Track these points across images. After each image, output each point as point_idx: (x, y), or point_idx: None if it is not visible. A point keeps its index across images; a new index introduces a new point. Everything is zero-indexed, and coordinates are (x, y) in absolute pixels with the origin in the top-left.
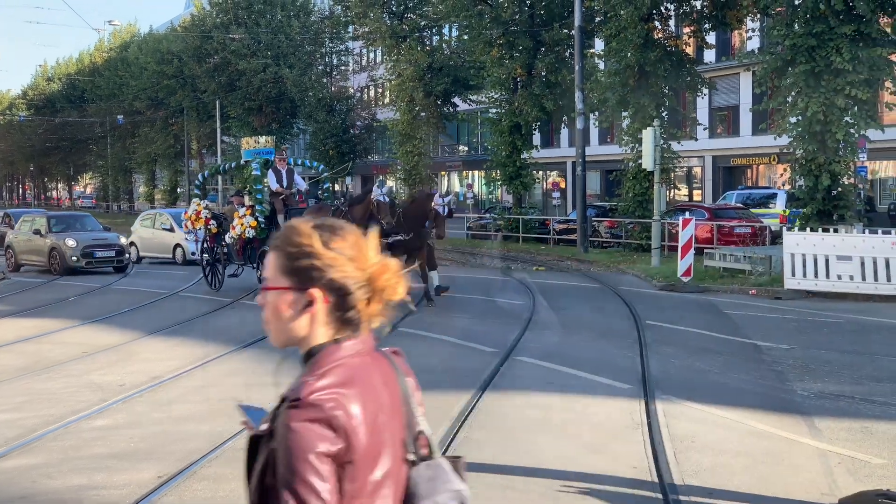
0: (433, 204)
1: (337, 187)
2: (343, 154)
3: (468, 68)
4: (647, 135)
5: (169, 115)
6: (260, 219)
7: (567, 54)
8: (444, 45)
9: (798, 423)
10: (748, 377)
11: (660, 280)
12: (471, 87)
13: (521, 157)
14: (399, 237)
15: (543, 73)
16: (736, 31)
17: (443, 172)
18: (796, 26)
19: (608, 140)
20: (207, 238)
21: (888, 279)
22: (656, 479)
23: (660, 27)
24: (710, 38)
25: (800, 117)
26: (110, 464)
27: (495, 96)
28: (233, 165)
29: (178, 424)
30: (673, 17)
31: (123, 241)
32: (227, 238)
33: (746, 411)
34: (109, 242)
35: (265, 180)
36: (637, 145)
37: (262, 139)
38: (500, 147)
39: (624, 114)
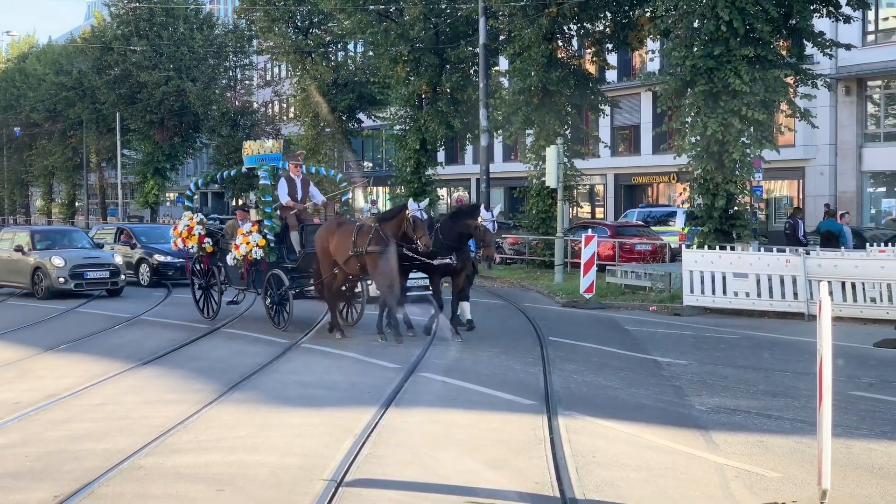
0: (479, 219)
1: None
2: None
3: (373, 84)
4: (551, 152)
5: (67, 127)
6: (269, 236)
7: (472, 72)
8: (349, 61)
9: (696, 438)
10: (648, 392)
11: (562, 296)
12: (376, 104)
13: (426, 173)
14: (446, 260)
15: (449, 91)
16: (637, 52)
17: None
18: (695, 48)
19: (512, 157)
20: (201, 259)
21: (783, 296)
22: (558, 494)
23: (563, 47)
24: (612, 58)
25: (698, 137)
26: (5, 483)
27: (401, 113)
28: (232, 173)
29: (75, 443)
30: (575, 37)
31: (118, 260)
32: (230, 259)
33: (646, 426)
34: (102, 262)
35: (275, 192)
36: (541, 162)
37: (269, 143)
38: (404, 163)
39: (528, 131)
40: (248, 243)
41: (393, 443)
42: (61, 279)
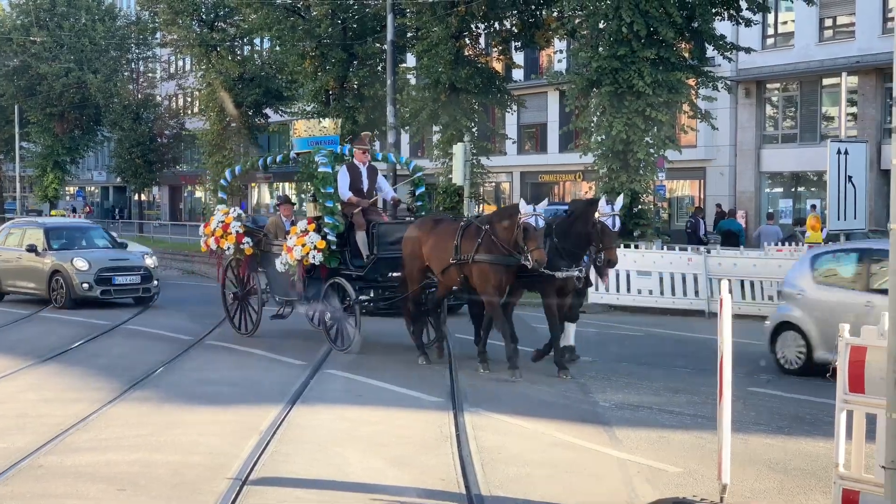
0: (597, 213)
1: (143, 197)
2: (150, 163)
3: (280, 80)
4: (458, 150)
5: None
6: (331, 236)
7: (380, 68)
8: (255, 56)
9: (600, 434)
10: (553, 389)
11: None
12: (283, 99)
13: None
14: (574, 273)
15: (356, 87)
16: (544, 51)
17: (253, 184)
18: (601, 49)
19: (419, 154)
20: (238, 263)
21: (685, 294)
22: (464, 491)
23: (470, 45)
24: (519, 57)
25: (604, 137)
26: None
27: (308, 108)
28: (279, 159)
29: None
30: (483, 36)
31: (149, 262)
32: (279, 264)
33: (551, 422)
34: (132, 265)
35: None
36: (448, 160)
37: (326, 122)
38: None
39: (435, 129)
40: (303, 245)
41: (298, 440)
42: (85, 285)
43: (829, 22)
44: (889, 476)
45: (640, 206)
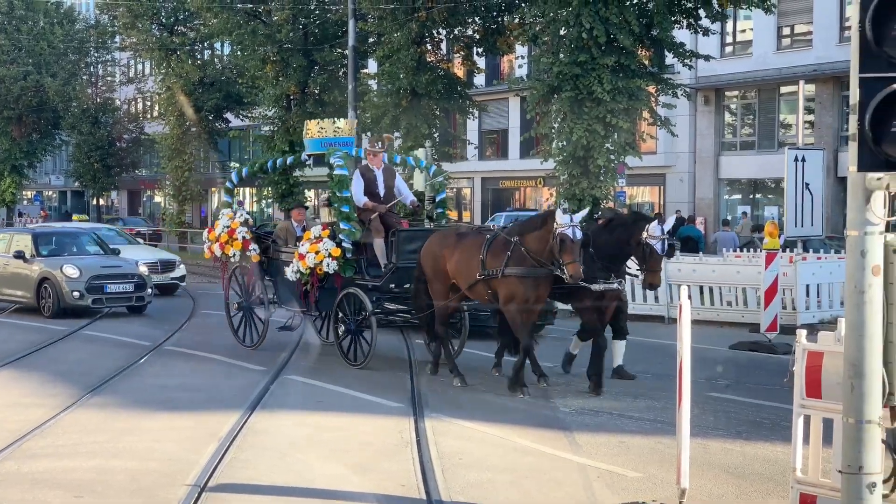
0: (644, 235)
1: (102, 201)
2: (109, 168)
3: (241, 84)
4: (419, 155)
5: None
6: (346, 244)
7: (341, 74)
8: (215, 60)
9: (560, 439)
10: (514, 394)
11: None
12: (244, 104)
13: (294, 174)
14: (613, 286)
15: (317, 92)
16: (506, 57)
17: (213, 189)
18: (562, 55)
19: None
20: (243, 270)
21: (644, 299)
22: (424, 497)
23: (432, 50)
24: (481, 63)
25: (565, 143)
26: None
27: (269, 113)
28: (289, 160)
29: None
30: (445, 42)
31: (143, 269)
32: (290, 272)
33: (512, 428)
34: (125, 272)
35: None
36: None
37: (341, 122)
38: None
39: (396, 134)
40: (317, 252)
41: (259, 447)
42: (76, 293)
43: (786, 30)
44: (845, 480)
45: (600, 213)
